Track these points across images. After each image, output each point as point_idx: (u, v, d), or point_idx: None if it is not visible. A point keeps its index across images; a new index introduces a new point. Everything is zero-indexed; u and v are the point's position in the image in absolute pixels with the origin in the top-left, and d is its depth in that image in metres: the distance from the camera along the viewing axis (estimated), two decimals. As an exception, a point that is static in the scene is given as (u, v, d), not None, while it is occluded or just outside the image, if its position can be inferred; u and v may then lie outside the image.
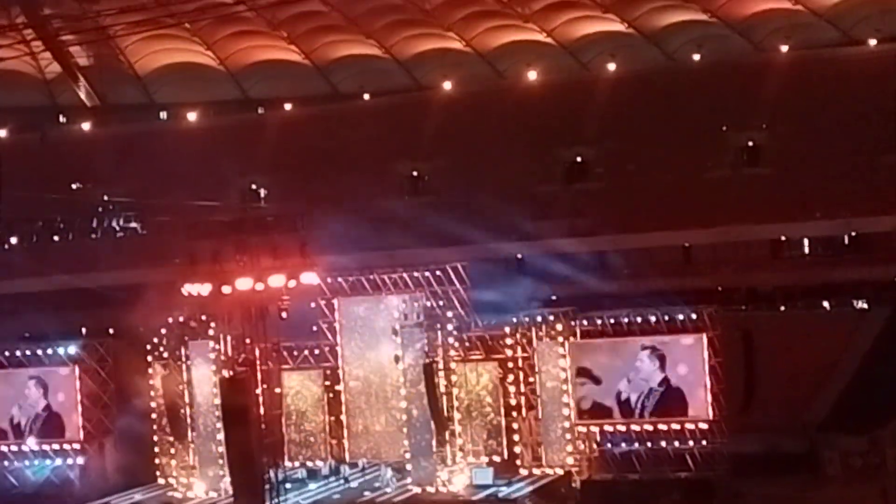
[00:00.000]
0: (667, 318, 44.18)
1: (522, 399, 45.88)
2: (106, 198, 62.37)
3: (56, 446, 50.38)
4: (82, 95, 78.34)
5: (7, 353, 50.93)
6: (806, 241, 57.08)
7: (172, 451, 48.65)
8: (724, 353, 43.80)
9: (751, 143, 58.15)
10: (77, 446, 50.20)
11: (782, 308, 53.04)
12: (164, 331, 48.41)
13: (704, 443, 43.37)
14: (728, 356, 44.11)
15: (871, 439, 42.28)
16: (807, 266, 55.78)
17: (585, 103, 62.99)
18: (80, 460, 50.26)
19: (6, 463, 50.72)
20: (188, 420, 48.13)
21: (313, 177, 61.25)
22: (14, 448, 50.60)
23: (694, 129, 58.66)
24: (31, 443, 50.30)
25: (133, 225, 62.65)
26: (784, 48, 67.32)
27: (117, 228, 62.99)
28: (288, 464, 47.30)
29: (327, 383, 48.51)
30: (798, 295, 53.74)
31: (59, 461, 50.33)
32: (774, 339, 46.71)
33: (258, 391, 42.61)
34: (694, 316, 43.92)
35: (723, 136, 58.91)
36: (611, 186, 58.77)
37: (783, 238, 56.89)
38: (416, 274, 46.63)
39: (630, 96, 62.72)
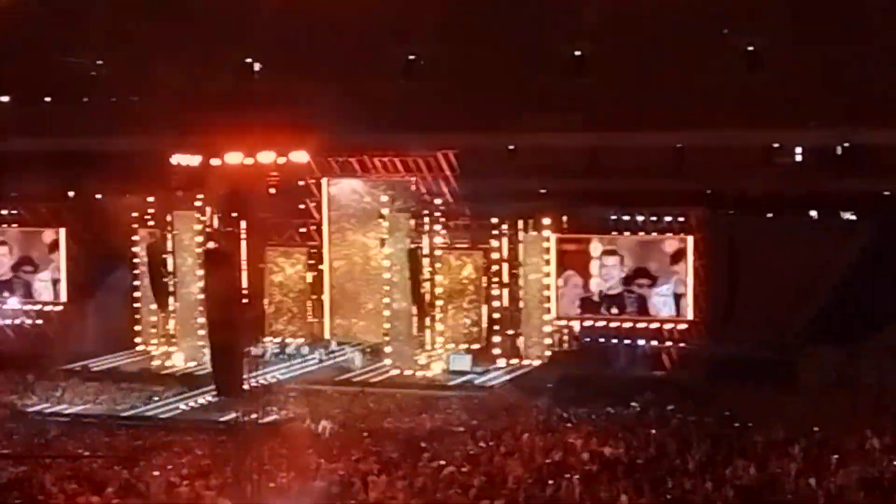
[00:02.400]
0: (654, 218, 44.29)
1: (505, 290, 46.10)
2: (99, 62, 61.83)
3: (38, 307, 50.55)
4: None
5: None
6: (798, 150, 56.98)
7: (153, 318, 48.88)
8: (708, 257, 43.97)
9: (751, 48, 57.70)
10: (59, 308, 50.36)
11: (770, 215, 53.00)
12: (151, 199, 48.39)
13: (682, 344, 43.72)
14: (713, 260, 44.29)
15: (849, 352, 42.51)
16: (797, 174, 55.70)
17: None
18: (61, 322, 50.44)
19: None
20: (171, 289, 48.29)
21: (309, 55, 60.70)
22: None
23: (694, 30, 58.14)
24: (12, 302, 50.43)
25: (125, 91, 62.22)
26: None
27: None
28: (267, 339, 47.60)
29: (311, 262, 48.69)
30: (787, 203, 53.66)
31: (40, 322, 50.54)
32: (760, 246, 46.77)
33: (242, 265, 42.73)
34: (681, 218, 44.03)
35: (723, 39, 58.43)
36: (607, 83, 58.38)
37: (776, 145, 56.78)
38: (406, 159, 46.59)
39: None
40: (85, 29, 63.43)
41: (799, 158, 57.14)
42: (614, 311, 44.70)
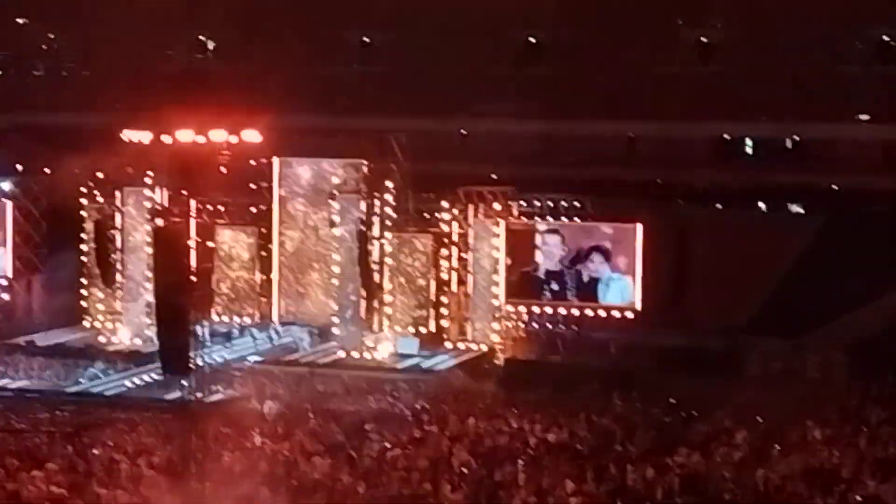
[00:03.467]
0: (604, 205, 44.45)
1: (454, 274, 46.15)
2: (52, 35, 61.40)
3: (-17, 281, 50.18)
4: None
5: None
6: (749, 142, 57.35)
7: (100, 295, 48.62)
8: (656, 246, 44.18)
9: (704, 40, 57.98)
10: (5, 283, 49.97)
11: (719, 206, 53.32)
12: (100, 175, 48.08)
13: (629, 333, 43.91)
14: (661, 249, 44.51)
15: (795, 345, 42.85)
16: (747, 167, 56.07)
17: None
18: (7, 297, 50.08)
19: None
20: (118, 266, 48.04)
21: (264, 36, 60.52)
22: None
23: (648, 21, 58.33)
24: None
25: (76, 65, 61.80)
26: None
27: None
28: (215, 318, 47.43)
29: (261, 242, 48.52)
30: (736, 195, 54.01)
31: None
32: (708, 237, 47.07)
33: (190, 244, 42.51)
34: (631, 206, 44.21)
35: (676, 30, 58.67)
36: (561, 71, 58.53)
37: (726, 137, 57.11)
38: (358, 141, 46.51)
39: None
40: (37, 1, 63.00)
41: (749, 151, 57.52)
42: (561, 298, 44.80)
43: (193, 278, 42.59)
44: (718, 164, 55.70)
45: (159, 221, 44.68)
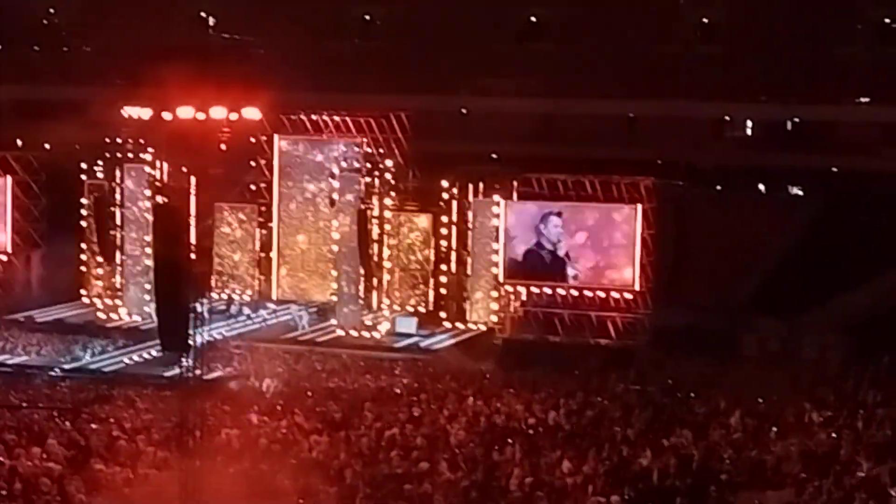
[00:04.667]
0: (604, 185, 44.44)
1: (453, 254, 46.20)
2: (52, 10, 61.26)
3: (-17, 256, 50.22)
4: None
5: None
6: (749, 123, 57.31)
7: (99, 271, 48.69)
8: (656, 226, 44.20)
9: (706, 20, 57.87)
10: (4, 258, 50.01)
11: (719, 187, 53.31)
12: (101, 151, 48.09)
13: (628, 313, 43.96)
14: (660, 229, 44.52)
15: (791, 325, 42.91)
16: (747, 148, 56.04)
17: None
18: (5, 272, 50.12)
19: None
20: (117, 242, 48.09)
21: (264, 12, 60.36)
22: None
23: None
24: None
25: (77, 40, 61.65)
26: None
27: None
28: (214, 295, 47.43)
29: (261, 220, 48.58)
30: (736, 176, 53.99)
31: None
32: (708, 217, 47.12)
33: (190, 221, 42.51)
34: (631, 186, 44.22)
35: (678, 9, 58.56)
36: (563, 49, 58.42)
37: (727, 118, 57.07)
38: (358, 119, 46.52)
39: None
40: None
41: (749, 132, 57.48)
42: (561, 277, 44.80)
43: (193, 255, 42.71)
44: (719, 145, 55.67)
45: (159, 198, 44.71)
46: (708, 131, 56.21)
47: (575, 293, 44.70)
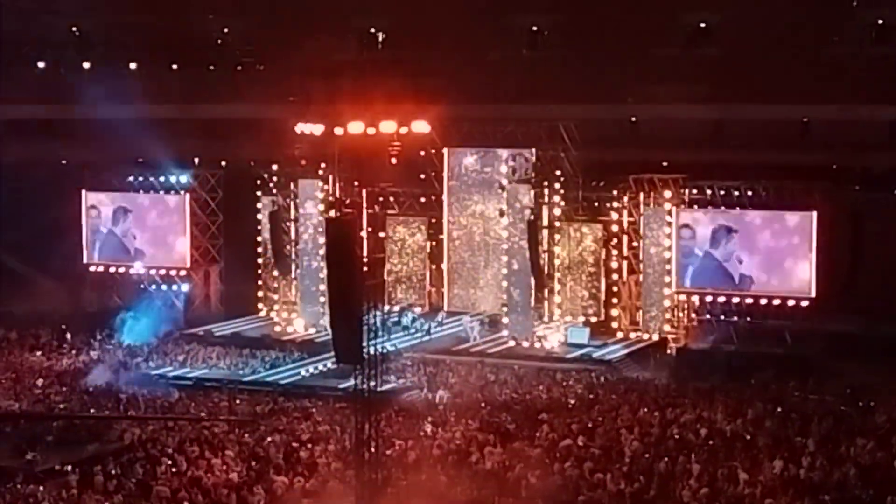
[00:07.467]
0: (778, 192, 43.79)
1: (625, 263, 45.99)
2: (226, 30, 62.39)
3: (163, 272, 51.38)
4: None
5: (121, 178, 51.84)
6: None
7: (276, 285, 49.54)
8: (831, 233, 43.40)
9: (881, 21, 56.73)
10: (183, 273, 51.18)
11: (895, 191, 52.18)
12: (274, 167, 48.95)
13: (803, 320, 43.19)
14: (835, 235, 43.71)
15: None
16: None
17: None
18: (185, 287, 51.28)
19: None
20: (293, 257, 48.89)
21: (432, 25, 60.80)
22: (122, 270, 51.66)
23: (822, 2, 57.31)
24: (138, 266, 51.27)
25: (251, 59, 62.72)
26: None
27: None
28: (386, 307, 47.81)
29: (431, 232, 48.96)
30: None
31: (164, 287, 51.37)
32: (884, 222, 46.16)
33: (362, 234, 43.00)
34: (805, 192, 43.50)
35: (852, 10, 57.51)
36: (732, 54, 57.75)
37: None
38: (527, 129, 46.53)
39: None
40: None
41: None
42: (734, 285, 44.20)
43: (365, 268, 43.17)
44: (894, 149, 54.47)
45: (332, 213, 45.31)
46: (883, 134, 55.04)
47: (749, 301, 44.04)
